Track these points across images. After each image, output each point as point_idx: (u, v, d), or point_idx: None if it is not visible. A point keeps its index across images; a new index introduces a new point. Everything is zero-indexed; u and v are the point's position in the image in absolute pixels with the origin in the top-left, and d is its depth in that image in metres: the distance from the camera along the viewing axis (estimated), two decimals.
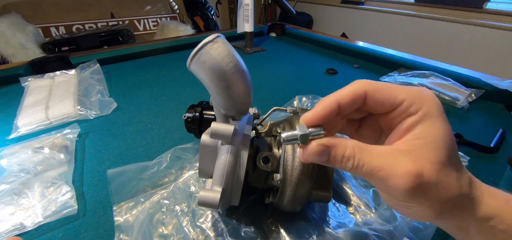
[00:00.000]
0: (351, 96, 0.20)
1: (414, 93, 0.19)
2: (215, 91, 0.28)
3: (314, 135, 0.20)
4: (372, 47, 0.99)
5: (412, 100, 0.18)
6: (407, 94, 0.19)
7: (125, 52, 1.00)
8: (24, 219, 0.36)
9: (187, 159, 0.46)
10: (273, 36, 1.33)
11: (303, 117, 0.21)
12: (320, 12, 3.01)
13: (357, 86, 0.20)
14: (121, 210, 0.37)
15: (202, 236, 0.34)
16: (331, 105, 0.20)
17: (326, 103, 0.20)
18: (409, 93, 0.19)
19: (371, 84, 0.20)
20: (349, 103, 0.20)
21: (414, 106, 0.18)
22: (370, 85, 0.20)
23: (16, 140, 0.53)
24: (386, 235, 0.33)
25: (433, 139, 0.18)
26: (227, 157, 0.28)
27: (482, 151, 0.50)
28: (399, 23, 2.26)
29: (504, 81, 0.67)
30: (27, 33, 1.52)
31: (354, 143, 0.19)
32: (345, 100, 0.20)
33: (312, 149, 0.20)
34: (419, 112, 0.18)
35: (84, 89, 0.70)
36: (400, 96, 0.19)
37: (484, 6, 1.83)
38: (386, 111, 0.20)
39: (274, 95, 0.73)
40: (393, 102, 0.19)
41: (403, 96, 0.19)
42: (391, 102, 0.19)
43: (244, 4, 1.00)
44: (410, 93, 0.19)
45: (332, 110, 0.20)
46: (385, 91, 0.19)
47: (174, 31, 1.97)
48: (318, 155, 0.20)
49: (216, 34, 0.26)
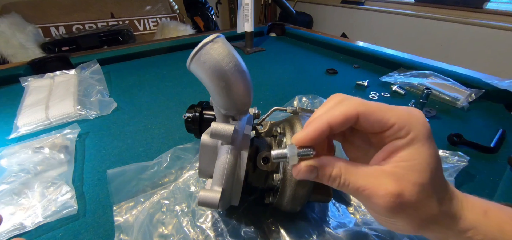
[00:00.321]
0: (342, 118, 0.20)
1: (404, 117, 0.19)
2: (215, 91, 0.28)
3: (303, 155, 0.21)
4: (372, 47, 0.99)
5: (402, 124, 0.19)
6: (398, 118, 0.19)
7: (125, 52, 1.00)
8: (24, 219, 0.36)
9: (187, 159, 0.46)
10: (273, 36, 1.33)
11: (295, 138, 0.22)
12: (320, 12, 3.01)
13: (349, 107, 0.20)
14: (121, 210, 0.37)
15: (202, 236, 0.34)
16: (323, 127, 0.20)
17: (318, 125, 0.20)
18: (400, 118, 0.19)
19: (363, 105, 0.20)
20: (340, 125, 0.20)
21: (404, 130, 0.19)
22: (362, 107, 0.20)
23: (16, 140, 0.53)
24: (386, 235, 0.33)
25: (417, 162, 0.19)
26: (227, 157, 0.28)
27: (482, 151, 0.50)
28: (399, 23, 2.26)
29: (504, 81, 0.67)
30: (27, 33, 1.52)
31: (341, 164, 0.21)
32: (337, 122, 0.20)
33: (301, 169, 0.21)
34: (408, 136, 0.19)
35: (84, 89, 0.70)
36: (391, 120, 0.19)
37: (484, 6, 1.83)
38: (377, 132, 0.21)
39: (274, 95, 0.73)
40: (384, 125, 0.20)
41: (394, 120, 0.19)
42: (381, 125, 0.20)
43: (244, 4, 1.00)
44: (400, 117, 0.19)
45: (323, 132, 0.20)
46: (377, 114, 0.20)
47: (174, 31, 1.97)
48: (307, 174, 0.21)
49: (216, 34, 0.26)
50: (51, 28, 1.78)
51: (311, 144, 0.21)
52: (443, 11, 1.99)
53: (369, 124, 0.20)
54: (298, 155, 0.21)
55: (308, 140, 0.21)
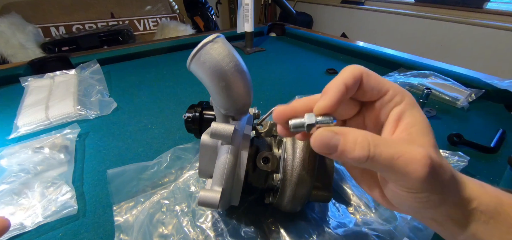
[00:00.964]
0: (352, 77, 0.20)
1: (395, 86, 0.20)
2: (215, 91, 0.28)
3: (322, 123, 0.19)
4: (372, 47, 0.99)
5: (396, 91, 0.20)
6: (390, 85, 0.20)
7: (125, 52, 1.00)
8: (24, 219, 0.36)
9: (187, 159, 0.46)
10: (273, 36, 1.33)
11: (317, 107, 0.19)
12: (320, 12, 3.01)
13: (353, 68, 0.20)
14: (121, 210, 0.37)
15: (202, 236, 0.34)
16: (340, 87, 0.19)
17: (336, 87, 0.19)
18: (392, 85, 0.20)
19: (363, 68, 0.20)
20: (353, 84, 0.20)
21: (398, 96, 0.20)
22: (363, 69, 0.20)
23: (16, 140, 0.53)
24: (386, 235, 0.33)
25: (422, 126, 0.19)
26: (227, 157, 0.28)
27: (482, 151, 0.50)
28: (399, 23, 2.26)
29: (504, 81, 0.67)
30: (27, 33, 1.52)
31: (366, 132, 0.17)
32: (350, 81, 0.20)
33: (320, 136, 0.18)
34: (403, 102, 0.20)
35: (84, 89, 0.70)
36: (386, 85, 0.20)
37: (484, 6, 1.83)
38: (374, 99, 0.21)
39: (274, 95, 0.73)
40: (381, 89, 0.20)
41: (388, 86, 0.20)
42: (379, 88, 0.20)
43: (244, 4, 1.00)
44: (392, 85, 0.20)
45: (342, 93, 0.19)
46: (374, 77, 0.20)
47: (174, 31, 1.97)
48: (326, 142, 0.18)
49: (216, 34, 0.26)
50: (51, 28, 1.78)
51: (335, 108, 0.19)
52: (443, 11, 1.99)
53: (369, 87, 0.20)
54: (317, 123, 0.19)
55: (332, 105, 0.19)
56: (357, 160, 0.17)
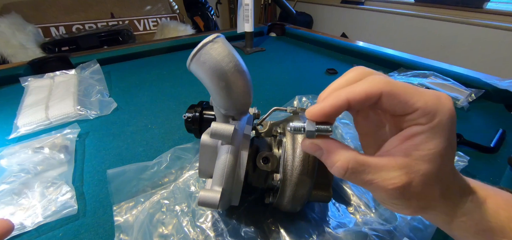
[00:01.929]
0: (364, 95, 0.18)
1: (431, 103, 0.18)
2: (215, 91, 0.28)
3: (321, 132, 0.20)
4: (372, 47, 0.99)
5: (428, 110, 0.18)
6: (425, 103, 0.18)
7: (125, 52, 1.00)
8: (24, 219, 0.36)
9: (187, 159, 0.46)
10: (273, 36, 1.33)
11: (309, 111, 0.20)
12: (320, 12, 3.01)
13: (372, 85, 0.18)
14: (121, 210, 0.37)
15: (202, 236, 0.34)
16: (340, 103, 0.19)
17: (335, 101, 0.19)
18: (427, 103, 0.18)
19: (388, 85, 0.18)
20: (360, 103, 0.18)
21: (428, 116, 0.18)
22: (387, 86, 0.18)
23: (16, 140, 0.53)
24: (386, 235, 0.33)
25: (431, 152, 0.18)
26: (227, 157, 0.28)
27: (482, 151, 0.50)
28: (399, 23, 2.26)
29: (504, 81, 0.67)
30: (27, 33, 1.52)
31: (348, 155, 0.19)
32: (356, 99, 0.18)
33: (307, 145, 0.21)
34: (428, 124, 0.18)
35: (84, 89, 0.70)
36: (416, 105, 0.18)
37: (484, 6, 1.83)
38: (397, 115, 0.19)
39: (274, 95, 0.73)
40: (408, 109, 0.18)
41: (419, 105, 0.18)
42: (405, 108, 0.18)
43: (244, 4, 1.00)
44: (427, 102, 0.18)
45: (340, 108, 0.19)
46: (402, 96, 0.18)
47: (174, 31, 1.97)
48: (312, 151, 0.21)
49: (216, 34, 0.26)
50: (51, 28, 1.78)
51: (325, 119, 0.20)
52: (443, 11, 1.99)
53: (391, 106, 0.18)
54: (316, 131, 0.20)
55: (322, 115, 0.19)
56: (335, 174, 0.20)
